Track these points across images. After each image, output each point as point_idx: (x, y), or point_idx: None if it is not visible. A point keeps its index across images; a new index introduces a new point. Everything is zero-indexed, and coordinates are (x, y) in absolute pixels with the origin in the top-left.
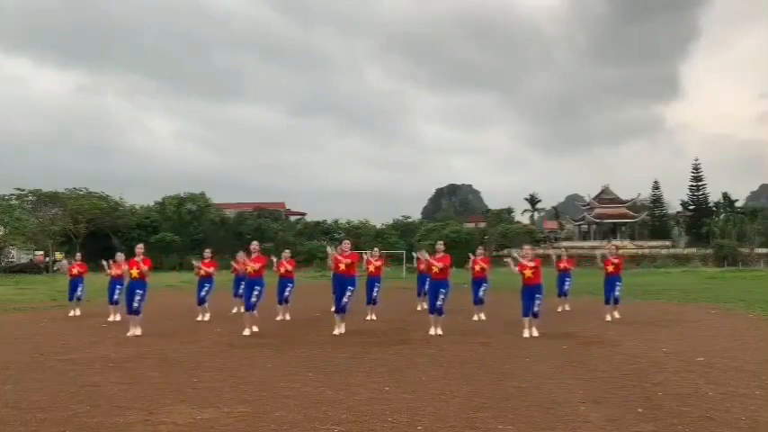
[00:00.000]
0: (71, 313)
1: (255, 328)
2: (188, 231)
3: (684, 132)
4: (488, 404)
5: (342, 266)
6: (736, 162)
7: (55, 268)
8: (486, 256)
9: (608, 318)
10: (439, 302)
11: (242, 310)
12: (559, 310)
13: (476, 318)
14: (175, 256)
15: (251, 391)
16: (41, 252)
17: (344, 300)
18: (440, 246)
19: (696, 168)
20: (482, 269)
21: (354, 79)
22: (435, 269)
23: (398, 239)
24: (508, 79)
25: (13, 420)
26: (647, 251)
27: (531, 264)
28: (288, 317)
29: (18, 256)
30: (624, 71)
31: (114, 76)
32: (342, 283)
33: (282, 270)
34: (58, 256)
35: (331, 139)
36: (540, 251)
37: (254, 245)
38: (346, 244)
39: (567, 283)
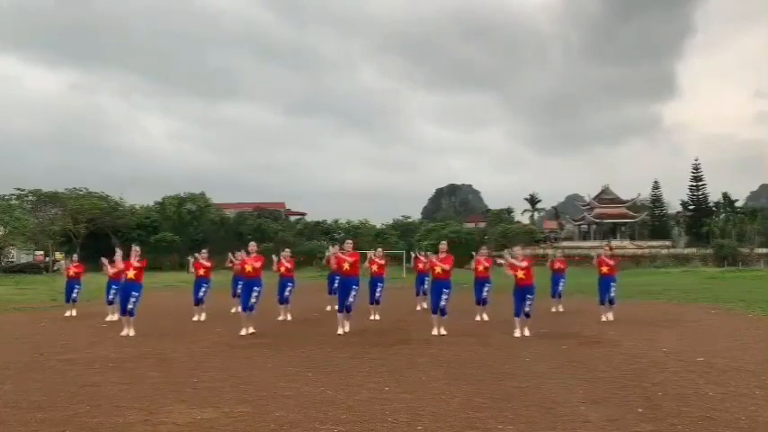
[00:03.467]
0: (67, 314)
1: (252, 329)
2: (188, 231)
3: (683, 132)
4: (488, 404)
5: (346, 266)
6: (735, 162)
7: (55, 268)
8: (489, 256)
9: (604, 318)
10: (442, 303)
11: (239, 309)
12: (553, 310)
13: (478, 318)
14: (176, 256)
15: (251, 391)
16: (41, 252)
17: (350, 299)
18: (443, 246)
19: (696, 168)
20: (485, 269)
21: (351, 79)
22: (439, 269)
23: (398, 239)
24: (505, 78)
25: (13, 420)
26: (647, 251)
27: (523, 264)
28: (289, 317)
29: (18, 256)
30: (620, 70)
31: (108, 75)
32: (347, 282)
33: (283, 269)
34: (58, 256)
35: (329, 138)
36: (540, 251)
37: (252, 245)
38: (349, 244)
39: (561, 283)
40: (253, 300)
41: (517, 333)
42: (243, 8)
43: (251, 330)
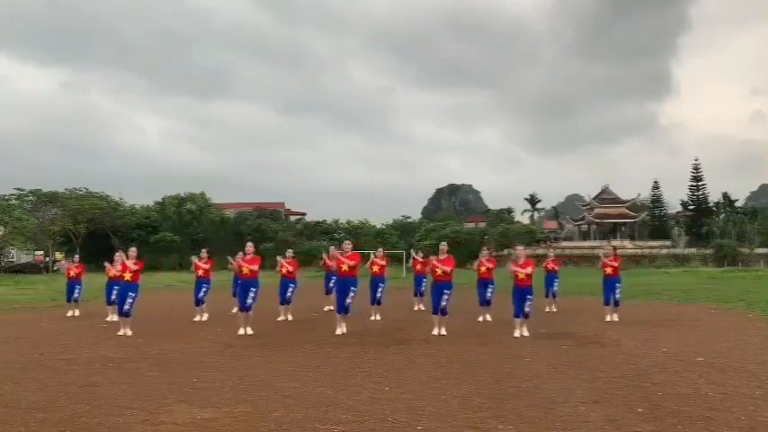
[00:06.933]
0: (69, 314)
1: (250, 330)
2: (188, 231)
3: (681, 131)
4: (488, 404)
5: (345, 267)
6: (732, 161)
7: (55, 268)
8: (491, 256)
9: (608, 318)
10: (443, 303)
11: (235, 310)
12: (547, 310)
13: (481, 319)
14: (175, 256)
15: (251, 391)
16: (41, 252)
17: (348, 300)
18: (443, 246)
19: (696, 168)
20: (488, 270)
21: (349, 78)
22: (439, 271)
23: (398, 239)
24: (501, 77)
25: (13, 420)
26: (647, 251)
27: (528, 270)
28: (290, 317)
29: (18, 256)
30: (617, 68)
31: (105, 75)
32: (344, 283)
33: (284, 270)
34: (59, 255)
35: (327, 137)
36: (541, 251)
37: (249, 246)
38: (348, 244)
39: (555, 283)
40: (249, 300)
41: (517, 333)
42: (237, 7)
43: (249, 331)
